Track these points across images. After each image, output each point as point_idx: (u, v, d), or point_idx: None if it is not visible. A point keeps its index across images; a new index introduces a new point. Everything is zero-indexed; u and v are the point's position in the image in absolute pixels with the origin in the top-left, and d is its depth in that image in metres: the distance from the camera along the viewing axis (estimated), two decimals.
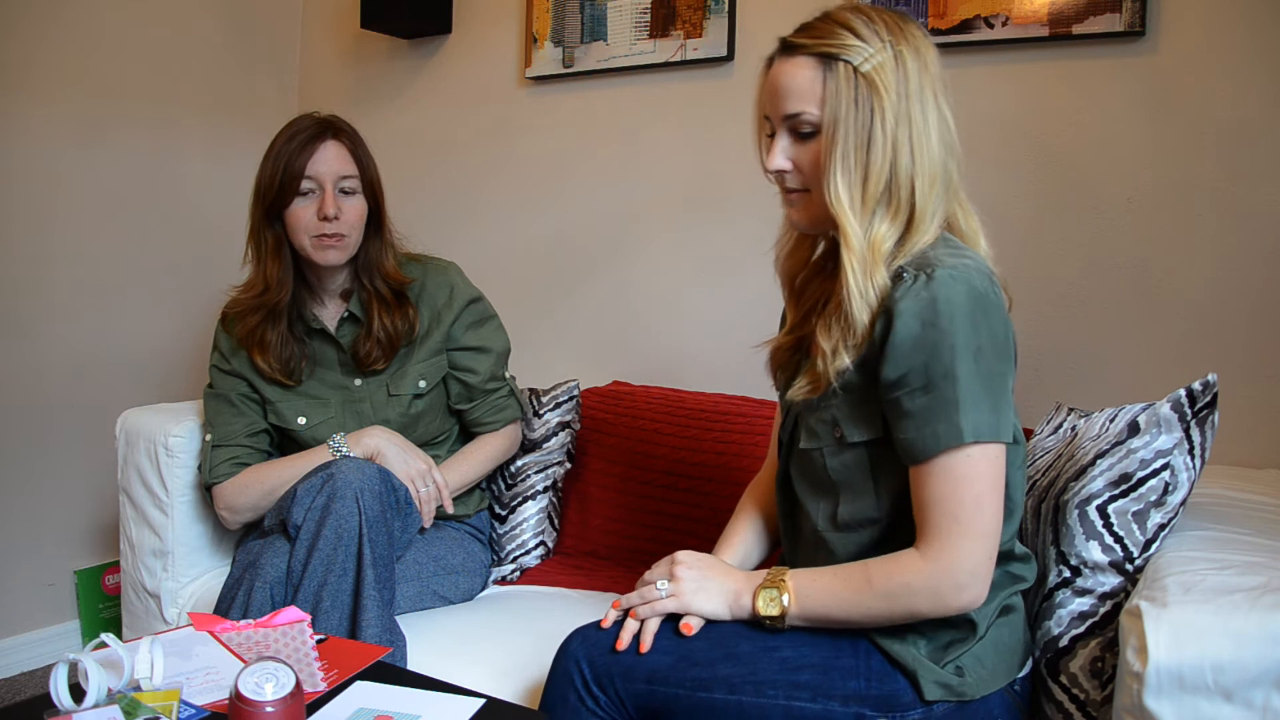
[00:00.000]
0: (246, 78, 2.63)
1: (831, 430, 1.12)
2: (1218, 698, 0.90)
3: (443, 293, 1.73)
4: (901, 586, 1.04)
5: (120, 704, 0.94)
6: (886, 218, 1.07)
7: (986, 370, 1.02)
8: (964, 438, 1.01)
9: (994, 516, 1.03)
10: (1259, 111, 1.57)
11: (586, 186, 2.27)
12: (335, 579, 1.37)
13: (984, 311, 1.03)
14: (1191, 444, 1.15)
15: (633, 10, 2.14)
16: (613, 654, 1.09)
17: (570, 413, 1.89)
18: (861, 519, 1.12)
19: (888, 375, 1.05)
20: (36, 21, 2.20)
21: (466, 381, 1.74)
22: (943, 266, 1.03)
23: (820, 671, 1.06)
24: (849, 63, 1.06)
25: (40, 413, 2.28)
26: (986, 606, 1.09)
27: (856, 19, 1.08)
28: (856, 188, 1.07)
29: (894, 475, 1.09)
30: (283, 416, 1.67)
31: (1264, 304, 1.58)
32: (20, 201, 2.21)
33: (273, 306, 1.63)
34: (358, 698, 1.03)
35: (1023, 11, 1.71)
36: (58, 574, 2.34)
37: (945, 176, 1.09)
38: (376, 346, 1.65)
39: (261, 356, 1.63)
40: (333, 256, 1.61)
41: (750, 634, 1.10)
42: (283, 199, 1.58)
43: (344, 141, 1.62)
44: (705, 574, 1.13)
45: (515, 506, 1.83)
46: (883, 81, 1.05)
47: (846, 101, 1.06)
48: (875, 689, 1.05)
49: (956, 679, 1.06)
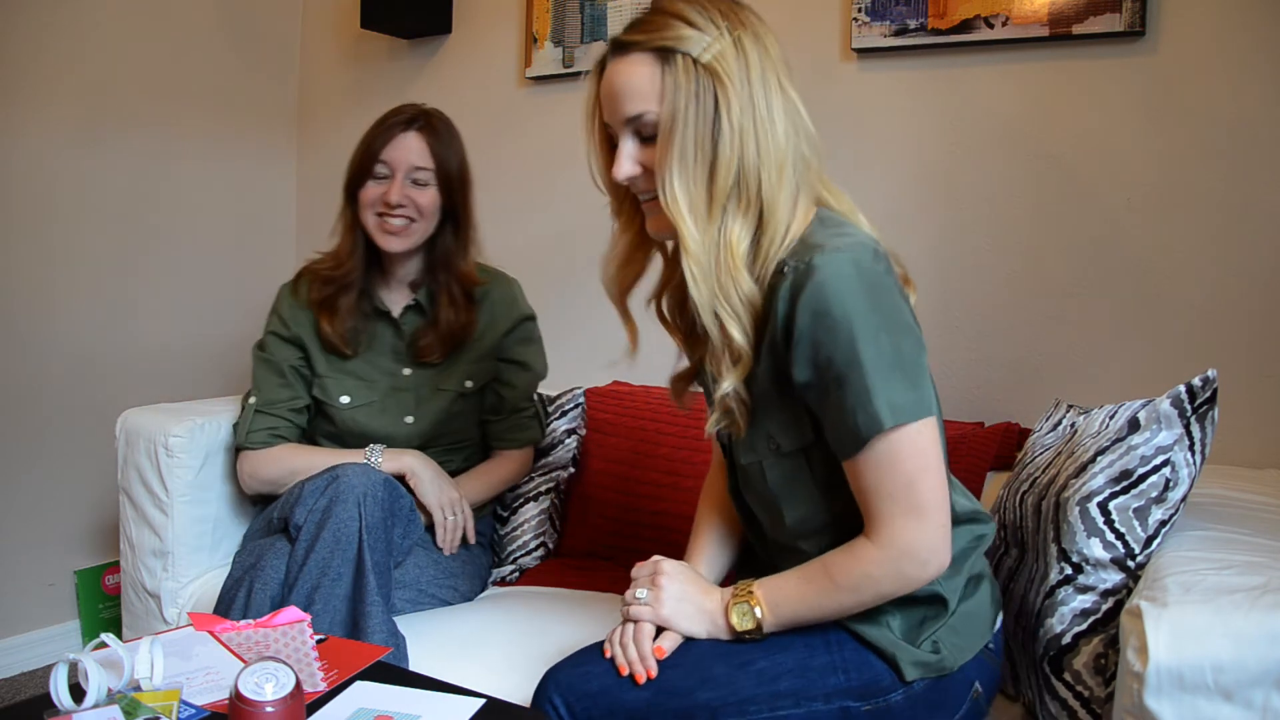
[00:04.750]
0: (246, 78, 2.63)
1: (768, 443, 1.09)
2: (1218, 698, 0.90)
3: (504, 303, 1.77)
4: (863, 578, 1.03)
5: (120, 704, 0.94)
6: (738, 215, 1.01)
7: (892, 347, 0.98)
8: (884, 424, 0.97)
9: (936, 489, 1.00)
10: (1259, 111, 1.57)
11: (586, 186, 2.26)
12: (329, 583, 1.36)
13: (875, 287, 0.98)
14: (1192, 440, 1.15)
15: (633, 10, 2.14)
16: (589, 696, 1.06)
17: (576, 419, 1.90)
18: (817, 524, 1.10)
19: (798, 377, 1.01)
20: (36, 22, 2.19)
21: (502, 395, 1.77)
22: (821, 251, 0.98)
23: (798, 676, 1.05)
24: (687, 54, 1.00)
25: (40, 413, 2.28)
26: (954, 579, 1.08)
27: (689, 8, 1.02)
28: (700, 186, 1.00)
29: (836, 474, 1.06)
30: (327, 392, 1.69)
31: (1264, 303, 1.58)
32: (20, 202, 2.21)
33: (342, 280, 1.67)
34: (358, 698, 1.03)
35: (1023, 11, 1.71)
36: (58, 574, 2.34)
37: (797, 161, 1.03)
38: (436, 340, 1.69)
39: (328, 321, 1.67)
40: (393, 244, 1.64)
41: (724, 652, 1.08)
42: (359, 179, 1.64)
43: (426, 134, 1.64)
44: (685, 589, 1.11)
45: (517, 508, 1.83)
46: (725, 70, 0.99)
47: (687, 95, 0.99)
48: (855, 680, 1.05)
49: (934, 656, 1.06)
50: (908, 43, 1.83)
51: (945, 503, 1.02)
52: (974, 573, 1.12)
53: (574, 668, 1.10)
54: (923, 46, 1.82)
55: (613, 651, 1.09)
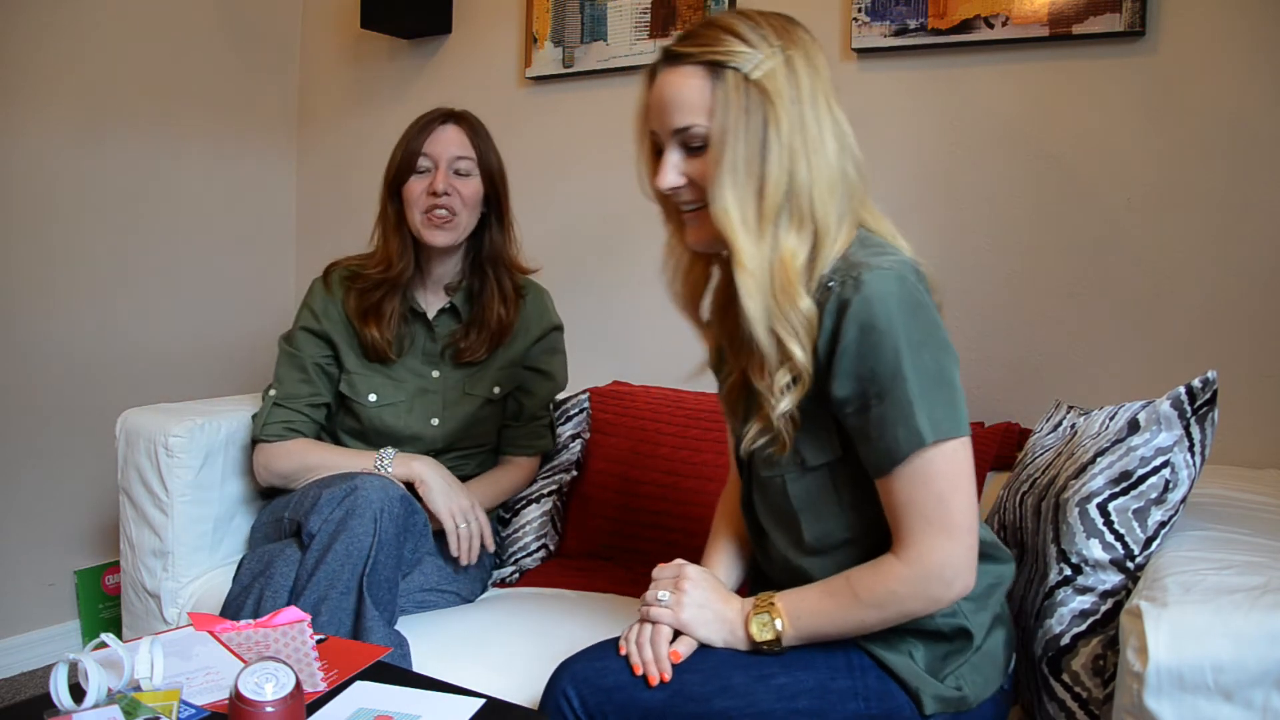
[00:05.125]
0: (246, 78, 2.63)
1: (793, 457, 1.09)
2: (1218, 698, 0.90)
3: (536, 310, 1.79)
4: (888, 595, 1.02)
5: (120, 704, 0.94)
6: (791, 231, 1.02)
7: (932, 364, 0.99)
8: (925, 439, 0.98)
9: (968, 509, 1.01)
10: (1259, 111, 1.57)
11: (586, 186, 2.27)
12: (337, 595, 1.34)
13: (919, 305, 0.99)
14: (1192, 441, 1.15)
15: (633, 10, 2.14)
16: (604, 690, 1.06)
17: (582, 424, 1.91)
18: (835, 541, 1.10)
19: (838, 393, 1.01)
20: (36, 22, 2.20)
21: (523, 402, 1.78)
22: (868, 269, 0.99)
23: (817, 696, 1.04)
24: (738, 70, 1.01)
25: (40, 413, 2.28)
26: (981, 614, 1.09)
27: (742, 24, 1.03)
28: (750, 201, 1.01)
29: (860, 490, 1.06)
30: (355, 389, 1.69)
31: (1264, 304, 1.58)
32: (21, 202, 2.21)
33: (395, 281, 1.67)
34: (358, 698, 1.03)
35: (1023, 11, 1.71)
36: (58, 574, 2.35)
37: (845, 183, 1.05)
38: (484, 336, 1.70)
39: (376, 327, 1.66)
40: (441, 238, 1.64)
41: (743, 663, 1.07)
42: (402, 176, 1.66)
43: (464, 126, 1.68)
44: (708, 596, 1.11)
45: (519, 510, 1.83)
46: (774, 88, 1.00)
47: (736, 110, 1.00)
48: (875, 709, 1.04)
49: (956, 693, 1.06)
50: (908, 43, 1.83)
51: (975, 524, 1.02)
52: (996, 612, 1.12)
53: (590, 661, 1.10)
54: (923, 46, 1.82)
55: (628, 649, 1.09)
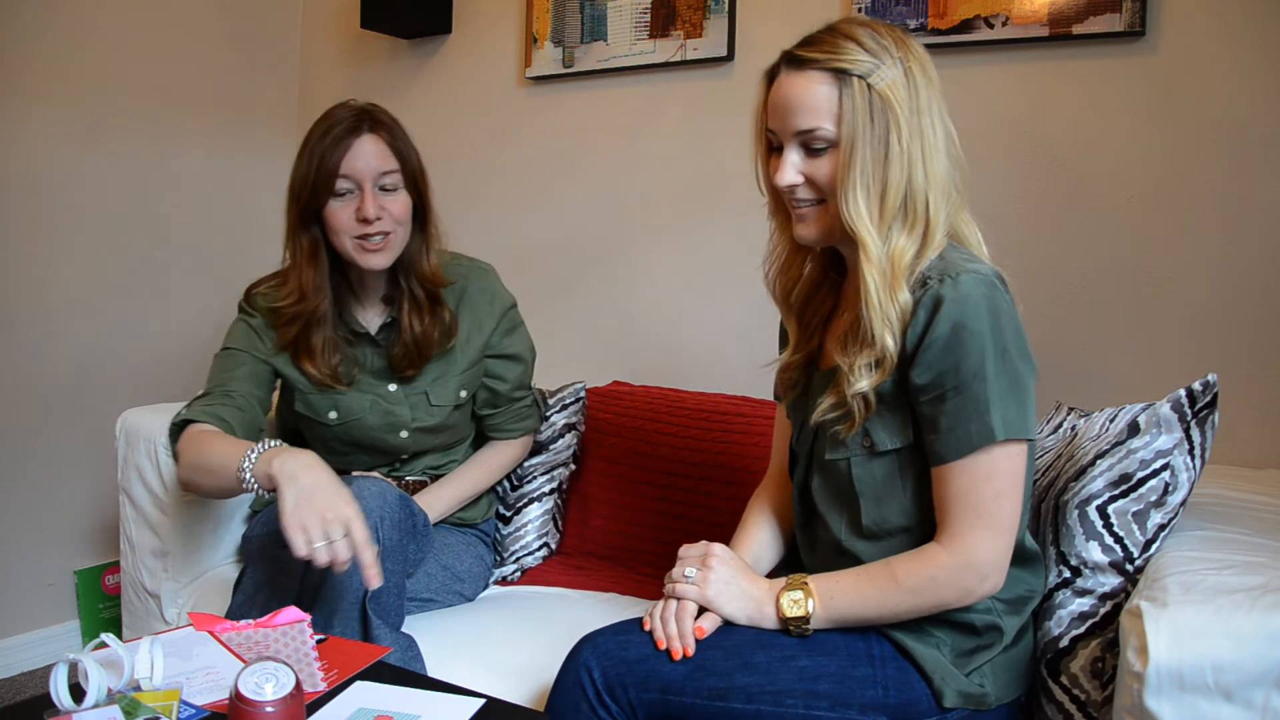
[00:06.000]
0: (246, 77, 2.63)
1: (861, 440, 1.12)
2: (1218, 698, 0.90)
3: (484, 299, 1.66)
4: (928, 581, 1.06)
5: (120, 704, 0.94)
6: (904, 231, 1.08)
7: (1013, 369, 1.05)
8: (996, 435, 1.03)
9: (1014, 511, 1.06)
10: (1259, 110, 1.57)
11: (586, 186, 2.27)
12: (346, 606, 1.31)
13: (1007, 313, 1.06)
14: (1191, 444, 1.15)
15: (633, 10, 2.14)
16: (626, 663, 1.08)
17: (576, 414, 1.90)
18: (891, 526, 1.13)
19: (918, 380, 1.06)
20: (34, 21, 2.19)
21: (495, 389, 1.70)
22: (964, 272, 1.05)
23: (838, 681, 1.06)
24: (863, 78, 1.06)
25: (40, 413, 2.28)
26: (1014, 618, 1.11)
27: (864, 33, 1.08)
28: (875, 202, 1.07)
29: (923, 481, 1.10)
30: (314, 408, 1.59)
31: (1264, 304, 1.58)
32: (20, 202, 2.21)
33: (311, 315, 1.53)
34: (358, 698, 1.03)
35: (1023, 11, 1.71)
36: (58, 574, 2.35)
37: (951, 190, 1.11)
38: (406, 352, 1.57)
39: (310, 364, 1.54)
40: (377, 260, 1.50)
41: (767, 642, 1.09)
42: (318, 199, 1.48)
43: (382, 134, 1.50)
44: (734, 574, 1.14)
45: (520, 508, 1.83)
46: (896, 98, 1.06)
47: (863, 117, 1.05)
48: (893, 698, 1.06)
49: (979, 689, 1.08)
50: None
51: (1016, 527, 1.07)
52: (1025, 621, 1.15)
53: (613, 635, 1.12)
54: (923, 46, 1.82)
55: (652, 625, 1.11)
